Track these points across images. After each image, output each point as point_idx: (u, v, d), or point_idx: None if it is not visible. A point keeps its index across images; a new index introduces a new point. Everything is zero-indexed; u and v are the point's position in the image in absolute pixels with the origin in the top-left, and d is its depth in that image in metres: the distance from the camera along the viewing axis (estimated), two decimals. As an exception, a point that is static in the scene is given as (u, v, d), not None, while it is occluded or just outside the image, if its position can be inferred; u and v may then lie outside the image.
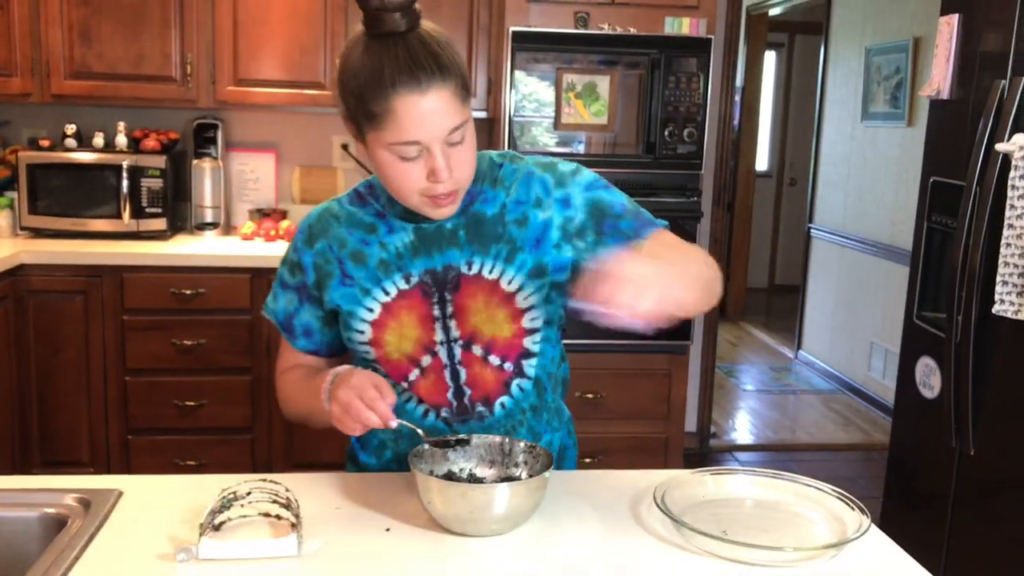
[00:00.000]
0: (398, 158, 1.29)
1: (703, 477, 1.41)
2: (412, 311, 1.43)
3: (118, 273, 3.24)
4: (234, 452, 3.39)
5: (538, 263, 1.43)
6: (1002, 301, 2.27)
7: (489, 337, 1.43)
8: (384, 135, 1.27)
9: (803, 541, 1.27)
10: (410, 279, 1.42)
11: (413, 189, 1.32)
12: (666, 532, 1.28)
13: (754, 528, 1.29)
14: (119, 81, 3.43)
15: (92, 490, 1.34)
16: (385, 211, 1.44)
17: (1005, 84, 2.39)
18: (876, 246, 5.10)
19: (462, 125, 1.29)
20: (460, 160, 1.31)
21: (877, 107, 5.10)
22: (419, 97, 1.24)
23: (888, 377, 4.96)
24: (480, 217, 1.43)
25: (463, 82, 1.29)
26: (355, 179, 3.90)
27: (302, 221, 1.51)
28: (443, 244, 1.43)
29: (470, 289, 1.42)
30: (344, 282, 1.44)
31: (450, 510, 1.24)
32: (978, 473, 2.50)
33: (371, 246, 1.44)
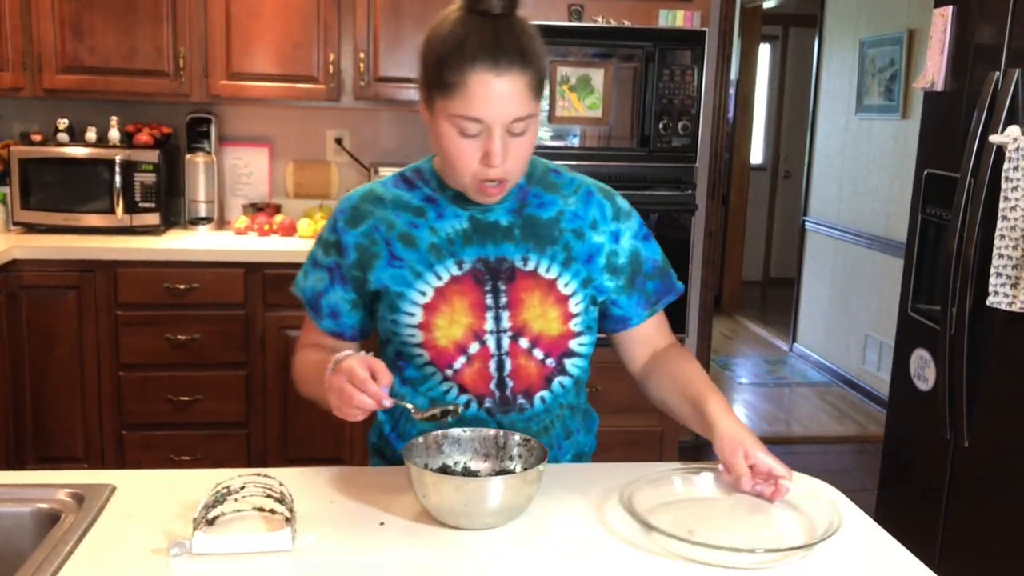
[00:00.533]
0: (458, 132, 1.32)
1: (670, 476, 1.40)
2: (464, 297, 1.44)
3: (111, 268, 3.23)
4: (229, 447, 3.39)
5: (589, 275, 1.49)
6: (996, 293, 2.28)
7: (537, 332, 1.46)
8: (451, 105, 1.30)
9: (776, 540, 1.25)
10: (462, 265, 1.44)
11: (466, 167, 1.35)
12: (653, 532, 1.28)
13: (722, 528, 1.27)
14: (111, 75, 3.42)
15: (85, 485, 1.34)
16: (436, 196, 1.47)
17: (999, 76, 2.39)
18: (870, 239, 5.10)
19: (527, 118, 1.33)
20: (517, 152, 1.35)
21: (871, 100, 5.10)
22: (494, 77, 1.28)
23: (883, 369, 4.97)
24: (535, 219, 1.47)
25: (539, 78, 1.34)
26: (349, 173, 3.90)
27: (342, 201, 1.52)
28: (498, 237, 1.45)
29: (526, 283, 1.45)
30: (392, 263, 1.45)
31: (445, 503, 1.24)
32: (973, 465, 2.50)
33: (420, 229, 1.45)
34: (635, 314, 1.54)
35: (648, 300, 1.55)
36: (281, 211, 3.80)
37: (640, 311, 1.54)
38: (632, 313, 1.54)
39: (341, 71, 3.55)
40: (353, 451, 3.45)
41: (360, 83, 3.53)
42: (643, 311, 1.54)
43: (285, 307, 3.33)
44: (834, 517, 1.25)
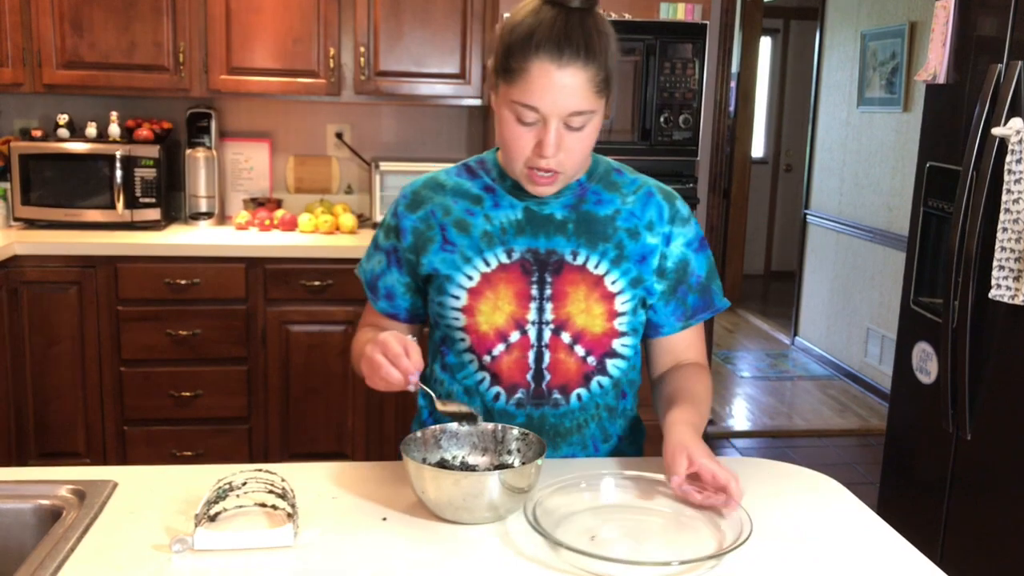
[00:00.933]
0: (516, 119, 1.34)
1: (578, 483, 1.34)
2: (510, 285, 1.45)
3: (112, 263, 3.23)
4: (231, 442, 3.39)
5: (639, 276, 1.49)
6: (999, 286, 2.27)
7: (580, 328, 1.46)
8: (512, 91, 1.33)
9: (691, 548, 1.20)
10: (511, 254, 1.46)
11: (519, 155, 1.36)
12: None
13: (628, 537, 1.23)
14: (111, 70, 3.41)
15: (87, 481, 1.33)
16: (495, 185, 1.49)
17: (1001, 68, 2.38)
18: (872, 232, 5.10)
19: (587, 114, 1.34)
20: (573, 147, 1.36)
21: (873, 92, 5.09)
22: (555, 68, 1.29)
23: (884, 363, 4.96)
24: (591, 216, 1.48)
25: (605, 76, 1.34)
26: (350, 168, 3.89)
27: (405, 187, 1.56)
28: (551, 230, 1.47)
29: (572, 277, 1.46)
30: (445, 247, 1.47)
31: (443, 498, 1.23)
32: (975, 458, 2.50)
33: (476, 216, 1.48)
34: (668, 323, 1.54)
35: (684, 313, 1.54)
36: (282, 206, 3.79)
37: (674, 321, 1.54)
38: (665, 322, 1.54)
39: (341, 65, 3.54)
40: (355, 446, 3.45)
41: (360, 77, 3.52)
42: (676, 322, 1.54)
43: (286, 302, 3.33)
44: (745, 523, 1.20)
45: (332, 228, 3.58)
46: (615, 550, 1.18)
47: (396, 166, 3.69)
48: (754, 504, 1.32)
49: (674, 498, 1.32)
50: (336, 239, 3.50)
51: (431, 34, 3.53)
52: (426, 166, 3.68)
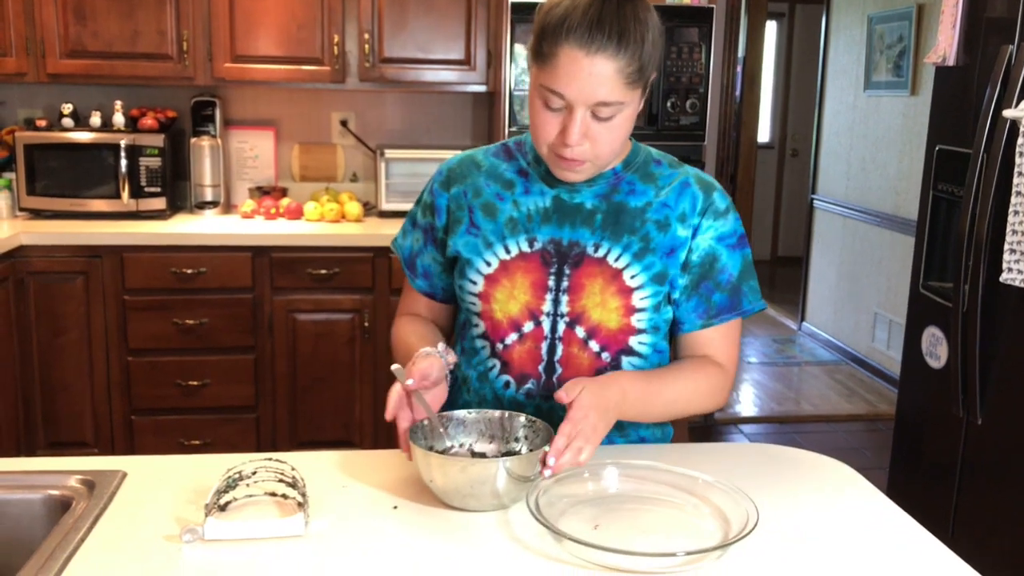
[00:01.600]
0: (543, 103, 1.32)
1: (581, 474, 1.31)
2: (528, 275, 1.44)
3: (118, 253, 3.22)
4: (238, 431, 3.39)
5: (664, 270, 1.44)
6: (1010, 269, 2.25)
7: (595, 322, 1.43)
8: (541, 75, 1.31)
9: (697, 538, 1.18)
10: (533, 243, 1.44)
11: (544, 139, 1.35)
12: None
13: (632, 527, 1.21)
14: (115, 59, 3.40)
15: (96, 471, 1.33)
16: (530, 169, 1.48)
17: (1012, 49, 2.35)
18: (879, 216, 5.07)
19: (616, 105, 1.30)
20: (601, 137, 1.32)
21: (880, 76, 5.06)
22: (583, 56, 1.26)
23: (892, 347, 4.95)
24: (622, 207, 1.44)
25: (638, 67, 1.29)
26: (355, 156, 3.88)
27: (442, 165, 1.54)
28: (577, 220, 1.44)
29: (591, 269, 1.43)
30: (470, 230, 1.47)
31: (451, 485, 1.23)
32: (986, 443, 2.49)
33: (504, 202, 1.46)
34: (688, 320, 1.48)
35: (708, 311, 1.47)
36: (287, 194, 3.78)
37: (695, 319, 1.47)
38: (686, 318, 1.48)
39: (346, 52, 3.53)
40: (363, 434, 3.45)
41: (365, 64, 3.51)
42: (697, 319, 1.47)
43: (293, 290, 3.33)
44: (751, 513, 1.18)
45: (338, 216, 3.57)
46: (619, 540, 1.17)
47: (401, 153, 3.68)
48: (763, 491, 1.32)
49: (681, 488, 1.30)
50: (342, 227, 3.49)
51: (435, 20, 3.51)
52: (431, 153, 3.67)
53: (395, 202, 3.67)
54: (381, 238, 3.34)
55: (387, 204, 3.67)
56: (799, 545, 1.20)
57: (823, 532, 1.24)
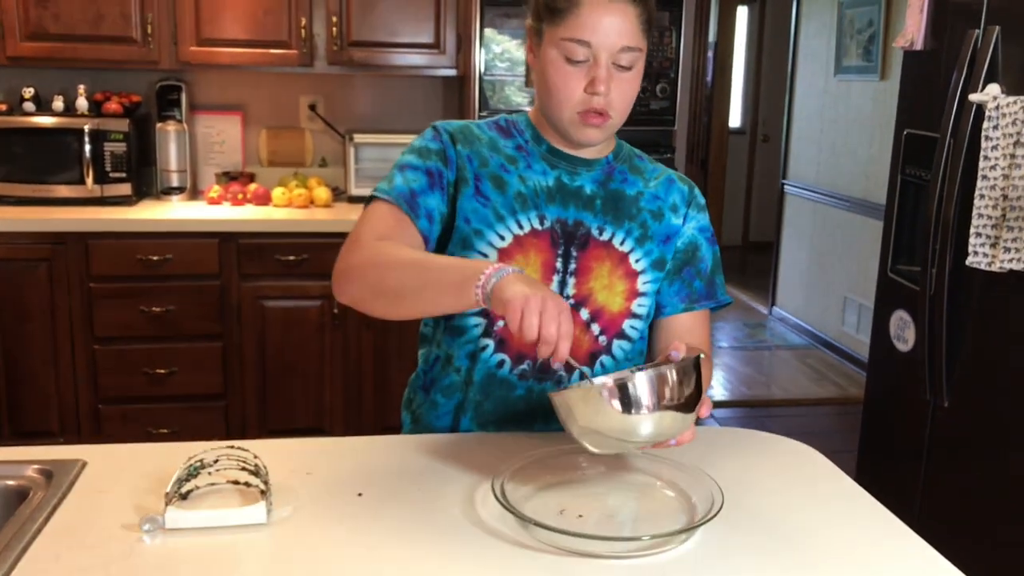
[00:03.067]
0: (565, 59, 1.32)
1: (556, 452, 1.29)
2: (539, 254, 1.42)
3: (83, 240, 3.17)
4: (207, 419, 3.36)
5: (662, 257, 1.47)
6: (976, 253, 2.27)
7: (600, 305, 1.44)
8: (560, 30, 1.32)
9: (662, 522, 1.19)
10: (544, 221, 1.42)
11: (570, 97, 1.34)
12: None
13: (599, 512, 1.21)
14: (78, 42, 3.34)
15: (55, 461, 1.31)
16: (529, 147, 1.45)
17: (979, 34, 2.36)
18: (850, 201, 5.10)
19: (636, 51, 1.33)
20: (622, 88, 1.34)
21: (850, 61, 5.07)
22: (607, 2, 1.30)
23: (862, 331, 4.99)
24: (619, 194, 1.46)
25: (649, 16, 1.34)
26: (324, 140, 3.84)
27: (438, 124, 1.46)
28: (579, 203, 1.44)
29: (598, 252, 1.43)
30: (477, 199, 1.41)
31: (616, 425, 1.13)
32: (953, 425, 2.51)
33: (511, 175, 1.43)
34: (671, 304, 1.50)
35: (689, 295, 1.50)
36: (255, 180, 3.74)
37: (677, 302, 1.50)
38: (668, 302, 1.50)
39: (314, 35, 3.48)
40: (334, 421, 3.43)
41: (333, 48, 3.47)
42: (680, 303, 1.50)
43: (261, 277, 3.29)
44: (716, 496, 1.17)
45: (306, 202, 3.53)
46: (584, 525, 1.16)
47: (371, 138, 3.65)
48: (731, 475, 1.32)
49: (646, 472, 1.30)
50: (311, 213, 3.45)
51: (405, 3, 3.48)
52: (401, 138, 3.64)
53: (364, 187, 3.63)
54: (351, 224, 3.25)
55: (356, 189, 3.64)
56: (764, 528, 1.20)
57: (788, 515, 1.24)
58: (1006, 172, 2.20)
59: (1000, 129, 2.22)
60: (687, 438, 1.21)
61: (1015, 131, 2.18)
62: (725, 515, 1.16)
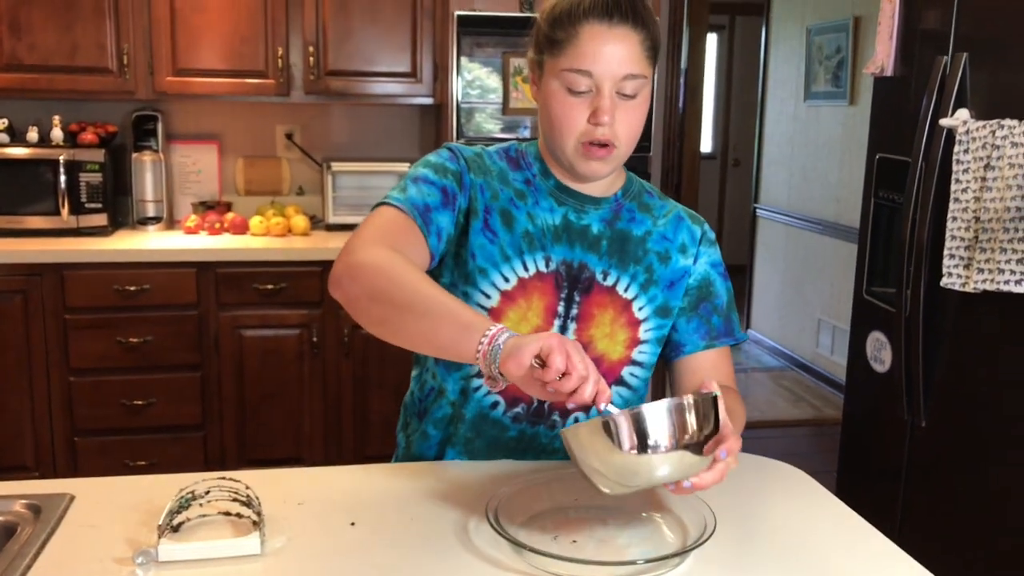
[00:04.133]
0: (567, 90, 1.29)
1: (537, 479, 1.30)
2: (543, 298, 1.38)
3: (59, 271, 3.15)
4: (185, 451, 3.33)
5: (666, 304, 1.44)
6: (950, 274, 2.30)
7: (600, 353, 1.41)
8: (561, 61, 1.29)
9: (656, 546, 1.20)
10: (549, 263, 1.38)
11: (573, 129, 1.30)
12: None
13: (592, 537, 1.20)
14: (53, 73, 3.33)
15: (42, 495, 1.29)
16: (536, 181, 1.41)
17: (947, 60, 2.42)
18: (821, 224, 5.17)
19: (639, 79, 1.30)
20: (627, 117, 1.31)
21: (819, 87, 5.16)
22: (606, 30, 1.27)
23: (836, 353, 5.04)
24: (626, 234, 1.42)
25: (652, 43, 1.31)
26: (301, 169, 3.84)
27: (453, 145, 1.43)
28: (584, 244, 1.40)
29: (602, 299, 1.40)
30: (485, 233, 1.37)
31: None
32: (931, 444, 2.54)
33: (520, 211, 1.39)
34: (690, 341, 1.46)
35: (709, 332, 1.46)
36: (232, 209, 3.73)
37: (697, 339, 1.46)
38: (688, 340, 1.46)
39: (291, 65, 3.50)
40: (313, 451, 3.41)
41: (310, 77, 3.48)
42: (700, 340, 1.46)
43: (239, 306, 3.28)
44: (709, 519, 1.18)
45: (284, 230, 3.53)
46: (579, 550, 1.17)
47: (348, 166, 3.66)
48: (719, 497, 1.32)
49: (638, 496, 1.28)
50: (289, 241, 3.45)
51: (381, 32, 3.50)
52: (379, 166, 3.66)
53: (342, 215, 3.64)
54: (329, 252, 3.31)
55: (334, 217, 3.64)
56: (757, 550, 1.21)
57: (781, 537, 1.25)
58: (977, 195, 2.25)
59: (971, 152, 2.27)
60: (707, 480, 1.12)
61: (985, 154, 2.23)
62: (718, 538, 1.17)
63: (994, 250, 2.20)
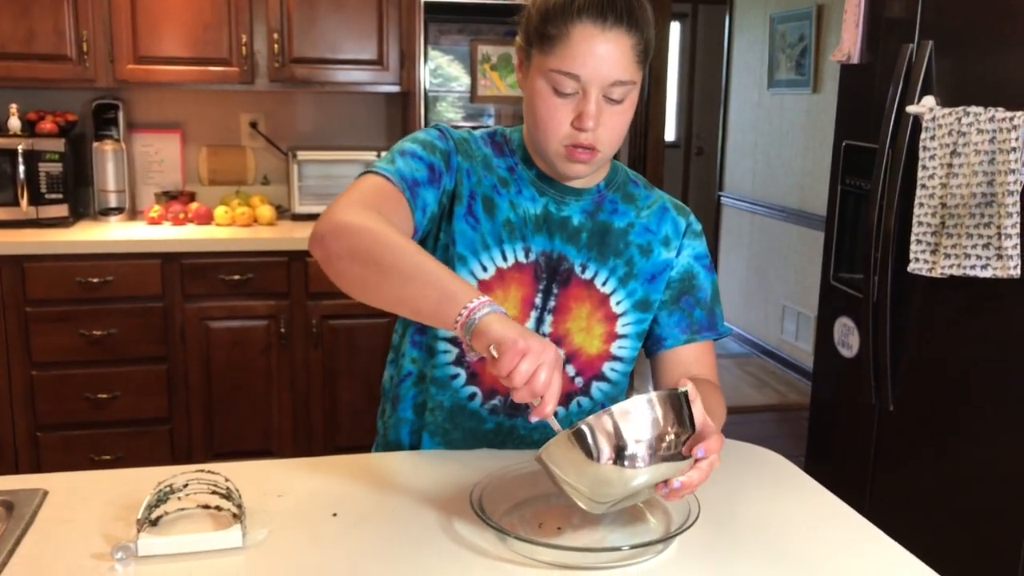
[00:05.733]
0: (553, 91, 1.26)
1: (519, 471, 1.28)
2: (520, 289, 1.36)
3: (19, 263, 3.08)
4: (152, 444, 3.28)
5: (646, 297, 1.41)
6: (917, 260, 2.33)
7: (576, 347, 1.39)
8: (549, 60, 1.25)
9: (640, 532, 1.20)
10: (528, 253, 1.37)
11: (556, 131, 1.27)
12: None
13: (577, 524, 1.20)
14: (10, 60, 3.25)
15: (13, 491, 1.26)
16: (518, 170, 1.39)
17: (913, 48, 2.44)
18: (785, 211, 5.21)
19: (628, 84, 1.26)
20: (612, 122, 1.27)
21: (782, 75, 5.20)
22: (599, 32, 1.22)
23: (801, 339, 5.09)
24: (607, 227, 1.40)
25: (645, 47, 1.26)
26: (265, 158, 3.79)
27: (442, 125, 1.40)
28: (564, 235, 1.38)
29: (579, 292, 1.38)
30: (468, 219, 1.36)
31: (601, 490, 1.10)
32: (898, 428, 2.58)
33: (502, 198, 1.37)
34: (671, 335, 1.44)
35: (690, 326, 1.44)
36: (196, 199, 3.68)
37: (678, 333, 1.44)
38: (668, 334, 1.44)
39: (255, 53, 3.45)
40: (282, 443, 3.38)
41: (275, 65, 3.44)
42: (681, 334, 1.44)
43: (205, 297, 3.24)
44: (693, 506, 1.19)
45: (250, 220, 3.48)
46: (563, 537, 1.17)
47: (314, 155, 3.62)
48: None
49: None
50: (255, 231, 3.41)
51: (346, 19, 3.46)
52: (345, 155, 3.63)
53: (309, 204, 3.60)
54: (295, 241, 3.27)
55: (301, 207, 3.60)
56: (740, 534, 1.22)
57: (763, 520, 1.26)
58: (944, 181, 2.28)
59: (937, 140, 2.30)
60: (695, 479, 1.10)
61: (951, 141, 2.26)
62: (701, 523, 1.17)
63: (960, 235, 2.23)
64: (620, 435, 1.06)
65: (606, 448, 1.06)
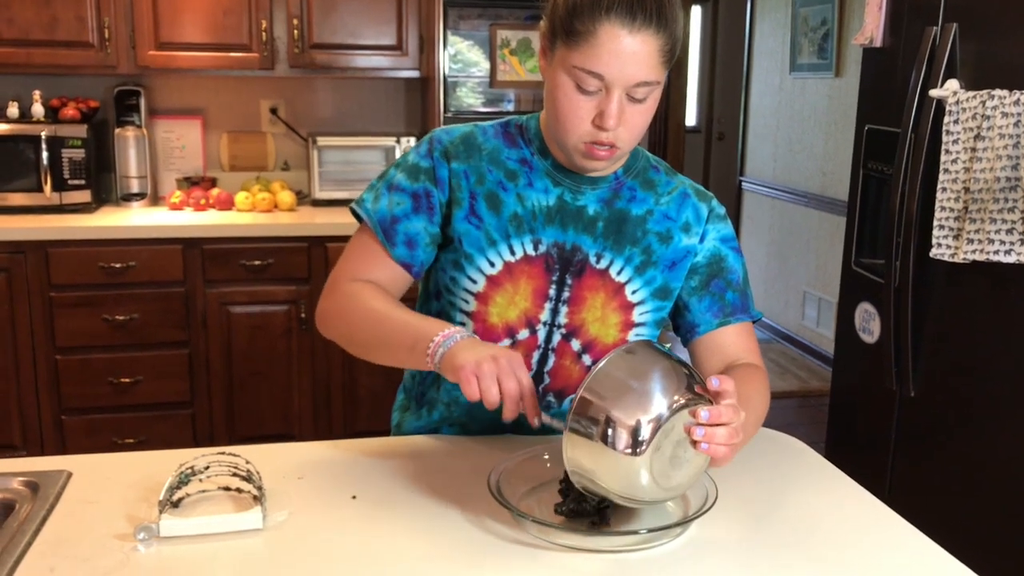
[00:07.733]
0: (576, 87, 1.24)
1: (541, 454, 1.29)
2: (531, 281, 1.36)
3: (42, 249, 3.11)
4: (174, 428, 3.31)
5: (665, 285, 1.40)
6: (939, 245, 2.32)
7: (592, 336, 1.39)
8: (574, 56, 1.22)
9: (657, 515, 1.19)
10: (538, 246, 1.36)
11: (576, 127, 1.26)
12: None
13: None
14: (32, 47, 3.27)
15: (39, 472, 1.28)
16: (533, 161, 1.38)
17: (936, 31, 2.42)
18: (807, 196, 5.18)
19: (652, 84, 1.24)
20: (634, 120, 1.25)
21: (804, 58, 5.15)
22: (626, 33, 1.19)
23: (822, 325, 5.06)
24: (624, 215, 1.38)
25: (672, 47, 1.24)
26: (286, 144, 3.81)
27: (439, 132, 1.41)
28: (579, 225, 1.37)
29: (594, 282, 1.37)
30: (471, 219, 1.37)
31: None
32: (919, 414, 2.56)
33: (508, 193, 1.37)
34: (703, 320, 1.42)
35: (722, 309, 1.42)
36: (217, 184, 3.70)
37: (710, 318, 1.42)
38: (700, 319, 1.42)
39: (275, 38, 3.46)
40: (303, 427, 3.41)
41: (295, 50, 3.44)
42: (713, 318, 1.41)
43: (226, 283, 3.26)
44: (710, 489, 1.18)
45: (270, 206, 3.50)
46: (581, 520, 1.17)
47: (334, 140, 3.63)
48: (720, 468, 1.33)
49: None
50: (275, 217, 3.42)
51: (366, 4, 3.46)
52: (365, 140, 3.64)
53: (329, 190, 3.61)
54: (316, 227, 3.29)
55: (320, 192, 3.62)
56: (758, 518, 1.22)
57: (780, 505, 1.26)
58: (967, 165, 2.26)
59: (960, 124, 2.27)
60: (723, 413, 1.08)
61: (975, 125, 2.24)
62: (719, 507, 1.17)
63: (984, 220, 2.21)
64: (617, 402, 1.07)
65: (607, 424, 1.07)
